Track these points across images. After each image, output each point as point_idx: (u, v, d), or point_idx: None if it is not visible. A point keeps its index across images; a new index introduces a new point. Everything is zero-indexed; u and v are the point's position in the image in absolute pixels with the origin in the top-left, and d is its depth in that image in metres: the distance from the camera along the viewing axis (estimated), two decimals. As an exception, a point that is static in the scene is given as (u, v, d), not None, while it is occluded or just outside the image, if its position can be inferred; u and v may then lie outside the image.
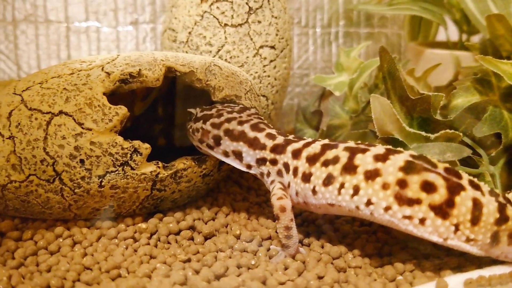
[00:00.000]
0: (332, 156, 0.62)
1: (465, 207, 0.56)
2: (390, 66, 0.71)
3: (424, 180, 0.56)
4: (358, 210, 0.60)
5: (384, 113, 0.68)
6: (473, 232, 0.56)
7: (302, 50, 1.26)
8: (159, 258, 0.63)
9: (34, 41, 1.15)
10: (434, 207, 0.56)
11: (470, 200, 0.56)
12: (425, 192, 0.56)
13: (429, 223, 0.56)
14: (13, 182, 0.69)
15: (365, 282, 0.58)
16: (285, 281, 0.58)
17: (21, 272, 0.60)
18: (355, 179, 0.59)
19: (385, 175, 0.58)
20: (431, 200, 0.56)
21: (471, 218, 0.56)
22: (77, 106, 0.69)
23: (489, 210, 0.56)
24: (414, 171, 0.57)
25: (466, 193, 0.56)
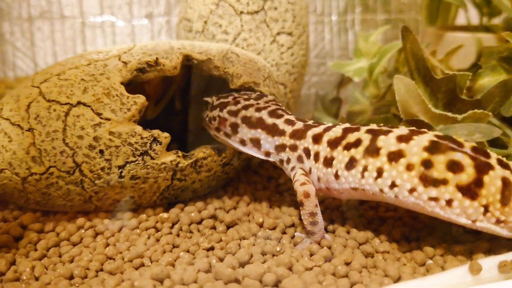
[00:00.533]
0: (354, 139, 0.60)
1: (495, 187, 0.53)
2: (413, 46, 0.69)
3: (450, 160, 0.54)
4: (382, 193, 0.58)
5: (409, 94, 0.66)
6: (503, 213, 0.54)
7: (319, 38, 1.24)
8: (182, 247, 0.62)
9: (50, 38, 1.15)
10: (462, 187, 0.54)
11: (499, 179, 0.54)
12: (452, 172, 0.54)
13: (456, 204, 0.54)
14: (34, 175, 0.69)
15: (394, 266, 0.56)
16: (312, 266, 0.56)
17: (44, 263, 0.59)
18: (379, 162, 0.57)
19: (409, 156, 0.55)
20: (458, 180, 0.54)
21: (501, 199, 0.53)
22: (95, 96, 0.68)
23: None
24: (440, 151, 0.55)
25: (495, 172, 0.54)
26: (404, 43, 0.70)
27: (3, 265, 0.58)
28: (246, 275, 0.53)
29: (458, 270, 0.54)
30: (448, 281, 0.53)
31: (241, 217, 0.71)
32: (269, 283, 0.52)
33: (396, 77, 0.67)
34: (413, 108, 0.67)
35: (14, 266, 0.59)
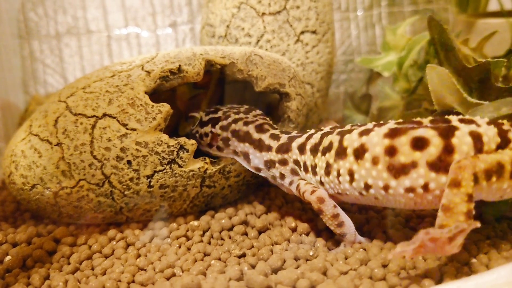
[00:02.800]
0: (328, 143, 0.57)
1: (466, 145, 0.49)
2: (441, 36, 0.66)
3: (413, 138, 0.50)
4: (363, 197, 0.54)
5: (442, 84, 0.63)
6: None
7: (345, 35, 1.21)
8: (213, 255, 0.61)
9: (78, 53, 1.16)
10: (432, 163, 0.49)
11: (467, 135, 0.50)
12: (418, 150, 0.50)
13: (433, 185, 0.49)
14: (65, 189, 0.69)
15: (435, 267, 0.53)
16: (347, 270, 0.54)
17: (77, 276, 0.59)
18: (347, 163, 0.54)
19: (371, 148, 0.52)
20: (427, 156, 0.49)
21: (475, 154, 0.49)
22: (120, 107, 0.68)
23: (489, 137, 0.50)
24: (400, 133, 0.51)
25: (461, 131, 0.50)
26: (431, 33, 0.67)
27: (37, 280, 0.59)
28: (279, 282, 0.51)
29: (505, 269, 0.51)
30: (494, 281, 0.49)
31: (273, 221, 0.70)
32: (303, 289, 0.50)
33: (428, 67, 0.63)
34: (447, 98, 0.63)
35: (48, 281, 0.59)
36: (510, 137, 0.50)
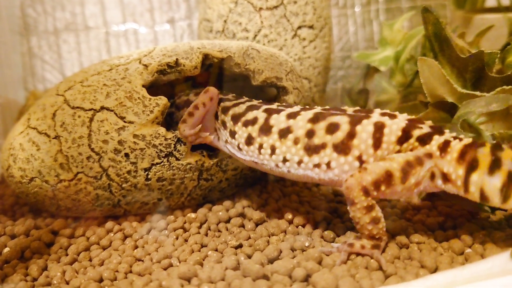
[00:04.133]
0: (252, 117, 0.63)
1: (366, 133, 0.55)
2: (435, 27, 0.66)
3: (329, 123, 0.57)
4: (278, 168, 0.61)
5: (433, 75, 0.63)
6: (376, 159, 0.55)
7: (342, 31, 1.22)
8: (210, 246, 0.61)
9: (76, 49, 1.17)
10: (337, 145, 0.56)
11: (371, 125, 0.55)
12: (329, 134, 0.56)
13: (334, 164, 0.56)
14: (63, 182, 0.69)
15: (430, 257, 0.54)
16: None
17: (74, 267, 0.60)
18: (271, 139, 0.60)
19: (295, 131, 0.58)
20: (334, 139, 0.56)
21: (373, 143, 0.55)
22: (118, 101, 0.68)
23: (391, 129, 0.55)
24: (321, 119, 0.58)
25: (368, 120, 0.55)
26: (426, 25, 0.67)
27: (35, 270, 0.59)
28: (275, 271, 0.52)
29: (499, 258, 0.51)
30: (489, 270, 0.50)
31: (270, 214, 0.70)
32: (298, 278, 0.50)
33: (420, 59, 0.64)
34: (438, 89, 0.64)
35: (46, 272, 0.59)
36: (413, 134, 0.54)
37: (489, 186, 0.51)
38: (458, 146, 0.53)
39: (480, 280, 0.47)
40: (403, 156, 0.53)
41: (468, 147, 0.52)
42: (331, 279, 0.49)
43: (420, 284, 0.48)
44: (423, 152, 0.54)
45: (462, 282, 0.48)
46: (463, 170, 0.52)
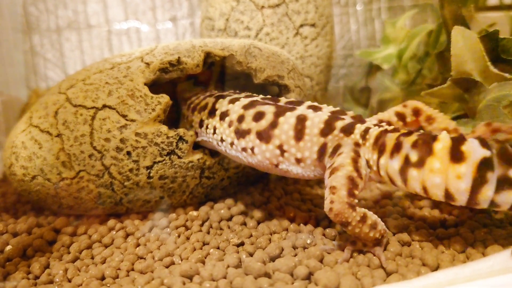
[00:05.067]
0: (204, 103, 0.70)
1: (288, 124, 0.57)
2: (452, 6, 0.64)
3: (257, 112, 0.61)
4: (218, 146, 0.66)
5: (467, 48, 0.59)
6: (299, 150, 0.57)
7: (344, 30, 1.22)
8: (212, 244, 0.61)
9: (79, 47, 1.17)
10: (260, 133, 0.59)
11: (294, 117, 0.58)
12: (255, 121, 0.60)
13: (257, 150, 0.60)
14: (65, 180, 0.70)
15: (431, 255, 0.54)
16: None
17: (76, 265, 0.60)
18: (214, 121, 0.66)
19: (231, 115, 0.63)
20: (258, 127, 0.60)
21: (294, 134, 0.57)
22: (120, 99, 0.69)
23: (313, 122, 0.57)
24: (252, 106, 0.62)
25: (292, 113, 0.58)
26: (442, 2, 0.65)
27: (37, 268, 0.59)
28: (277, 269, 0.52)
29: (500, 256, 0.51)
30: (490, 267, 0.50)
31: (271, 212, 0.70)
32: (300, 276, 0.50)
33: (455, 28, 0.60)
34: (468, 64, 0.60)
35: (48, 269, 0.59)
36: (336, 125, 0.56)
37: (391, 169, 0.52)
38: (375, 132, 0.55)
39: (481, 278, 0.47)
40: (345, 156, 0.54)
41: (382, 133, 0.54)
42: (333, 277, 0.49)
43: (421, 282, 0.48)
44: (351, 143, 0.56)
45: (463, 280, 0.48)
46: (376, 155, 0.54)
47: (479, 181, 0.47)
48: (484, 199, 0.47)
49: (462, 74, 0.62)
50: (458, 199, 0.49)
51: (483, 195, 0.47)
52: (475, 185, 0.47)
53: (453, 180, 0.48)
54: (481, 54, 0.60)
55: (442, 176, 0.49)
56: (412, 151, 0.51)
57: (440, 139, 0.50)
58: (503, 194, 0.46)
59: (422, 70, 0.85)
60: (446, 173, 0.48)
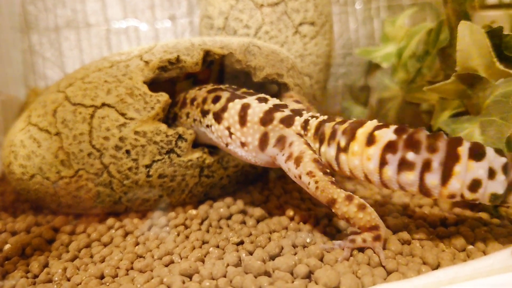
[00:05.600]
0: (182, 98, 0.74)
1: (234, 110, 0.63)
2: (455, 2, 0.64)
3: (215, 95, 0.67)
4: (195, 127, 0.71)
5: (474, 43, 0.59)
6: (243, 134, 0.62)
7: (343, 28, 1.21)
8: (212, 243, 0.61)
9: (77, 46, 1.17)
10: (215, 113, 0.66)
11: (240, 104, 0.63)
12: (213, 103, 0.66)
13: (213, 129, 0.66)
14: (64, 178, 0.69)
15: (432, 253, 0.53)
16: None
17: (75, 264, 0.60)
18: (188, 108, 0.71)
19: (197, 98, 0.70)
20: (214, 109, 0.66)
21: (238, 119, 0.62)
22: (119, 97, 0.68)
23: (254, 111, 0.62)
24: (214, 91, 0.69)
25: (240, 100, 0.64)
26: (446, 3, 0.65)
27: (36, 267, 0.59)
28: (277, 268, 0.52)
29: (501, 254, 0.51)
30: (491, 266, 0.50)
31: (271, 211, 0.70)
32: (300, 275, 0.50)
33: (462, 23, 0.60)
34: (474, 60, 0.60)
35: (47, 268, 0.59)
36: (275, 116, 0.61)
37: (329, 155, 0.57)
38: (314, 123, 0.59)
39: (482, 277, 0.47)
40: (299, 144, 0.59)
41: (321, 123, 0.59)
42: (333, 275, 0.49)
43: (422, 281, 0.48)
44: (294, 133, 0.60)
45: (464, 279, 0.48)
46: (318, 144, 0.58)
47: (382, 162, 0.51)
48: (387, 179, 0.52)
49: (468, 70, 0.62)
50: (372, 179, 0.53)
51: (384, 174, 0.52)
52: (380, 166, 0.52)
53: (365, 161, 0.53)
54: (488, 50, 0.60)
55: (359, 158, 0.53)
56: (342, 138, 0.55)
57: (365, 126, 0.54)
58: (402, 175, 0.51)
59: (422, 69, 0.85)
60: (361, 155, 0.53)
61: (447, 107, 0.69)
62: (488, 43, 0.60)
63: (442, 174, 0.49)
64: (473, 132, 0.60)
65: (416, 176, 0.50)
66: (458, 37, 0.61)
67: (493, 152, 0.49)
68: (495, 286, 0.46)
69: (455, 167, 0.48)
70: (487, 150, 0.49)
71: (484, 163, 0.48)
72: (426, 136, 0.50)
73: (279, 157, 0.60)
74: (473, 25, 0.61)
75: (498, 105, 0.58)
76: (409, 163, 0.50)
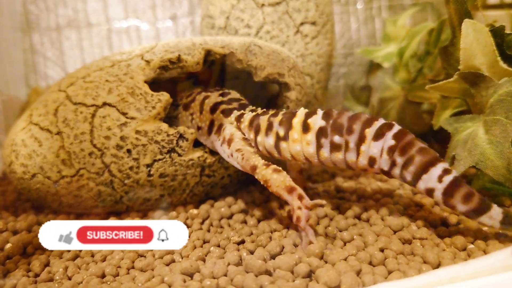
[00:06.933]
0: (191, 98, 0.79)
1: (198, 101, 0.74)
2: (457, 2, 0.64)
3: (190, 92, 0.78)
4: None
5: (478, 42, 0.59)
6: (201, 120, 0.72)
7: (345, 28, 1.21)
8: (213, 242, 0.61)
9: (78, 46, 1.17)
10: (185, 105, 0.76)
11: (202, 97, 0.74)
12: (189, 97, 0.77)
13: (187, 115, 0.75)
14: (65, 178, 0.69)
15: (433, 252, 0.53)
16: (346, 256, 0.54)
17: (77, 263, 0.60)
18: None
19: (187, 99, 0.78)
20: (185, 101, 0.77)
21: (199, 108, 0.73)
22: (120, 96, 0.68)
23: (208, 102, 0.72)
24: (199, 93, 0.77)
25: (205, 94, 0.75)
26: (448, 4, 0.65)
27: (37, 266, 0.59)
28: (277, 267, 0.52)
29: (502, 253, 0.51)
30: (491, 265, 0.49)
31: (272, 210, 0.70)
32: (301, 274, 0.50)
33: (466, 21, 0.60)
34: (478, 59, 0.60)
35: (48, 267, 0.59)
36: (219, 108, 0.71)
37: (267, 144, 0.64)
38: (248, 116, 0.67)
39: (483, 276, 0.47)
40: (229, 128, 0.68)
41: (255, 117, 0.66)
42: (334, 274, 0.49)
43: (423, 280, 0.48)
44: (228, 122, 0.69)
45: (465, 278, 0.47)
46: (253, 134, 0.65)
47: (318, 145, 0.59)
48: (324, 159, 0.60)
49: (471, 68, 0.62)
50: (312, 161, 0.61)
51: (322, 156, 0.60)
52: (318, 149, 0.60)
53: (305, 146, 0.60)
54: (492, 49, 0.60)
55: (300, 144, 0.61)
56: (280, 128, 0.63)
57: (297, 115, 0.62)
58: (333, 155, 0.59)
59: (423, 69, 0.85)
60: (301, 142, 0.61)
61: (449, 106, 0.69)
62: (492, 42, 0.60)
63: (356, 152, 0.58)
64: (477, 130, 0.60)
65: (342, 155, 0.59)
66: (462, 35, 0.61)
67: (392, 134, 0.56)
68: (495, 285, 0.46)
69: (361, 146, 0.57)
70: (388, 132, 0.56)
71: (379, 143, 0.56)
72: (348, 119, 0.58)
73: (217, 142, 0.69)
74: (477, 23, 0.61)
75: (503, 104, 0.58)
76: (337, 145, 0.58)
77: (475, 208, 0.52)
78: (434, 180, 0.53)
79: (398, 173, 0.56)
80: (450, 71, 0.68)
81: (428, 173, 0.54)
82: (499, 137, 0.57)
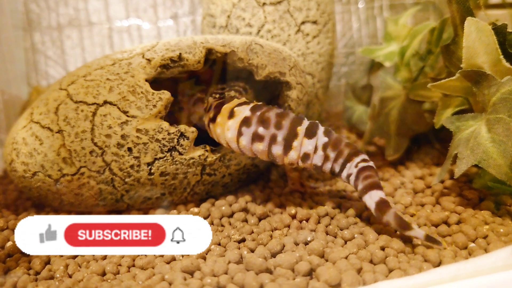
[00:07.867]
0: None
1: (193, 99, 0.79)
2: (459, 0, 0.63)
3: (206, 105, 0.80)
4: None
5: (480, 40, 0.59)
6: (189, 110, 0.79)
7: (346, 27, 1.21)
8: (214, 240, 0.61)
9: (79, 45, 1.17)
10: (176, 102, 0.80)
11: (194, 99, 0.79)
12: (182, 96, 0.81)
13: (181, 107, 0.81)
14: (66, 176, 0.69)
15: (433, 251, 0.53)
16: (347, 255, 0.54)
17: (77, 261, 0.60)
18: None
19: None
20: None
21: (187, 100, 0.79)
22: (121, 95, 0.68)
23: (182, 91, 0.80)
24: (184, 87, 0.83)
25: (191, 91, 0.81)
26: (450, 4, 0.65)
27: (38, 264, 0.59)
28: (278, 265, 0.52)
29: (503, 252, 0.51)
30: (492, 264, 0.49)
31: (273, 209, 0.70)
32: (302, 272, 0.50)
33: (469, 19, 0.60)
34: (480, 57, 0.60)
35: (49, 265, 0.59)
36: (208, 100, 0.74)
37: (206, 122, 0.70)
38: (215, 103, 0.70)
39: (484, 274, 0.47)
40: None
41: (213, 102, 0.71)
42: (335, 273, 0.49)
43: (424, 278, 0.48)
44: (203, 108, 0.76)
45: (466, 276, 0.47)
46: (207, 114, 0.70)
47: (239, 133, 0.63)
48: (243, 147, 0.64)
49: (473, 67, 0.62)
50: (231, 146, 0.65)
51: (240, 143, 0.63)
52: (237, 136, 0.63)
53: (225, 131, 0.64)
54: (494, 47, 0.60)
55: (221, 128, 0.65)
56: (213, 111, 0.68)
57: (231, 103, 0.66)
58: (254, 145, 0.62)
59: (425, 68, 0.85)
60: (223, 126, 0.65)
61: (450, 105, 0.69)
62: (495, 40, 0.59)
63: (284, 147, 0.61)
64: (479, 129, 0.60)
65: (265, 146, 0.62)
66: (465, 34, 0.61)
67: (322, 132, 0.61)
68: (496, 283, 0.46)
69: (293, 142, 0.61)
70: (318, 130, 0.61)
71: (313, 141, 0.61)
72: (276, 114, 0.62)
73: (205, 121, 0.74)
74: (479, 22, 0.60)
75: (506, 103, 0.58)
76: (260, 136, 0.62)
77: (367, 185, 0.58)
78: (353, 167, 0.60)
79: (330, 167, 0.61)
80: (452, 70, 0.68)
81: (352, 161, 0.60)
82: (502, 136, 0.57)
